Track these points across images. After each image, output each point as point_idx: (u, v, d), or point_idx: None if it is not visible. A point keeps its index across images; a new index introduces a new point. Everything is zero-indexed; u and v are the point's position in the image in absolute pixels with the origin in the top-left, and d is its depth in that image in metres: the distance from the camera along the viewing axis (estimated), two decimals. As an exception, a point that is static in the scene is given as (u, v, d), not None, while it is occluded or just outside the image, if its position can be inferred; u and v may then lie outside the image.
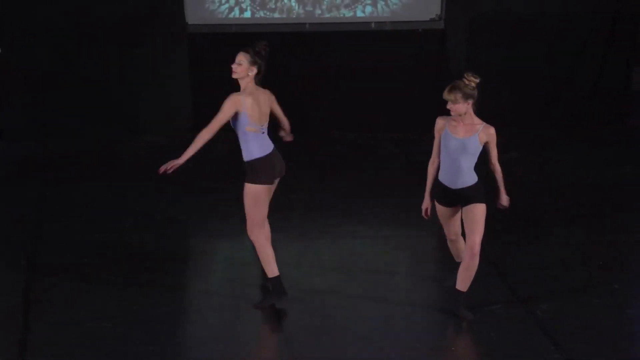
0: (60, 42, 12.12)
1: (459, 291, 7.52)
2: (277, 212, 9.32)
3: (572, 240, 9.04)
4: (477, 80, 7.29)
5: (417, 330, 7.41)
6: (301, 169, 10.75)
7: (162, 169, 7.34)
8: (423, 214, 7.69)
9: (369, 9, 12.62)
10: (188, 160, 11.67)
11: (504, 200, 7.68)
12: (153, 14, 12.23)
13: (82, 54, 12.18)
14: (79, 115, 12.28)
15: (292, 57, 12.53)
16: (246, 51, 7.42)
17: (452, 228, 7.70)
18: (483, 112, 7.83)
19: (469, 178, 7.45)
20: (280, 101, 8.04)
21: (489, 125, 7.41)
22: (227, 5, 12.44)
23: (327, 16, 12.61)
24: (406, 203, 9.83)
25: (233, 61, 7.44)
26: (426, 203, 7.65)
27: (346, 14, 12.59)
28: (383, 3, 12.67)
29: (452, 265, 8.32)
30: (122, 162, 11.44)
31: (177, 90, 12.45)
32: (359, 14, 12.64)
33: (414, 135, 12.01)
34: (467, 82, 7.27)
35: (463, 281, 7.49)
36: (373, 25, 12.73)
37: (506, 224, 9.40)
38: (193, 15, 12.40)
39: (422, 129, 8.26)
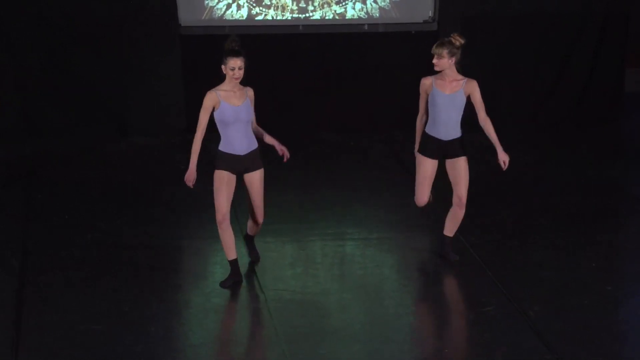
0: (52, 42, 12.09)
1: (446, 236, 8.49)
2: (269, 214, 9.35)
3: (564, 241, 9.05)
4: (463, 42, 8.10)
5: (410, 331, 7.42)
6: (293, 170, 10.75)
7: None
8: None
9: (358, 5, 12.64)
10: (180, 163, 11.69)
11: (503, 156, 8.21)
12: (146, 15, 12.21)
13: (73, 55, 12.15)
14: (70, 116, 12.26)
15: (285, 59, 12.54)
16: (242, 55, 7.73)
17: (426, 190, 8.37)
18: (474, 113, 7.93)
19: (456, 131, 8.25)
20: (272, 102, 8.09)
21: (471, 79, 8.21)
22: (225, 2, 12.46)
23: (319, 17, 12.61)
24: (398, 204, 9.84)
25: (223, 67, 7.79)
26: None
27: (337, 10, 12.61)
28: (371, 0, 12.69)
29: (445, 267, 8.37)
30: (114, 163, 11.42)
31: (169, 92, 12.44)
32: (350, 10, 12.66)
33: (406, 136, 12.02)
34: (454, 40, 8.08)
35: (451, 228, 8.45)
36: (366, 27, 12.75)
37: (498, 226, 9.42)
38: (187, 16, 12.40)
39: (414, 131, 8.39)
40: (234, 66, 7.67)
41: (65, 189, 10.41)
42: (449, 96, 8.15)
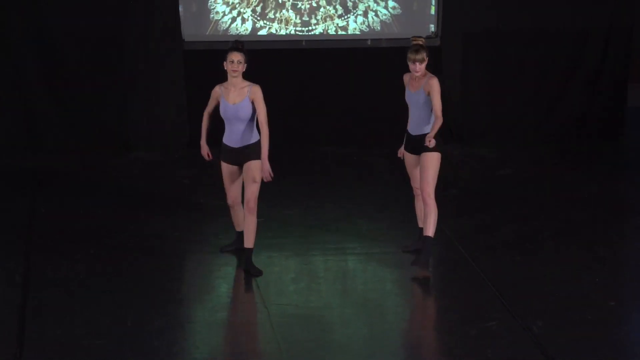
0: (53, 56, 12.09)
1: (425, 237, 8.44)
2: (272, 229, 9.36)
3: (567, 256, 9.04)
4: (425, 38, 8.41)
5: (413, 348, 7.41)
6: (295, 185, 10.76)
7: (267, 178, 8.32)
8: (399, 154, 8.85)
9: (360, 19, 12.67)
10: (183, 177, 11.69)
11: (428, 138, 8.22)
12: (149, 30, 12.22)
13: (75, 69, 12.15)
14: (73, 129, 12.24)
15: (288, 73, 12.55)
16: (243, 52, 8.21)
17: (415, 178, 8.66)
18: (477, 128, 7.96)
19: (426, 127, 8.38)
20: (274, 115, 8.16)
21: (432, 76, 8.34)
22: (230, 16, 12.50)
23: (321, 31, 12.64)
24: (400, 219, 9.83)
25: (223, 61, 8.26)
26: (401, 151, 8.80)
27: (340, 23, 12.64)
28: (373, 14, 12.72)
29: (447, 281, 8.36)
30: (116, 177, 11.42)
31: (172, 105, 12.44)
32: (352, 24, 12.69)
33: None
34: (421, 42, 8.27)
35: (427, 227, 8.44)
36: (369, 42, 12.77)
37: (501, 240, 9.41)
38: (192, 29, 12.42)
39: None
40: (233, 59, 8.16)
41: (68, 202, 10.40)
42: (413, 94, 8.43)
